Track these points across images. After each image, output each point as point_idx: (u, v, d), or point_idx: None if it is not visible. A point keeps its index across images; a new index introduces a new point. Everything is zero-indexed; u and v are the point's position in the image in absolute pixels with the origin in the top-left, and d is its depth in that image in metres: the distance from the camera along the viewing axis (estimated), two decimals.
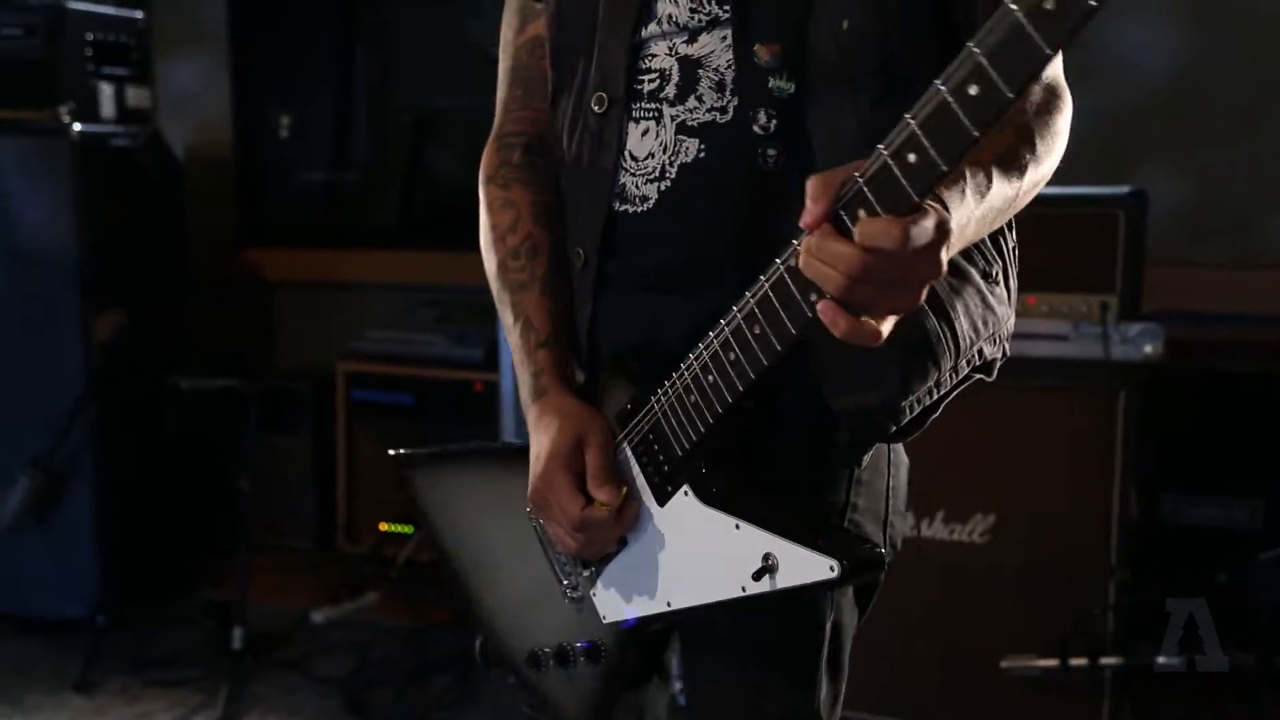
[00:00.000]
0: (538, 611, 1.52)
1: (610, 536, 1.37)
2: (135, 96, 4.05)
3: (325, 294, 4.82)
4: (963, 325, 1.29)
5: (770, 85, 1.27)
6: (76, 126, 3.76)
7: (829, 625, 1.39)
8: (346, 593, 4.01)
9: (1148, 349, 2.84)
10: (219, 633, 3.56)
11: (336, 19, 5.03)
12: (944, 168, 1.03)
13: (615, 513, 1.34)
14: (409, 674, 3.42)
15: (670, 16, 1.32)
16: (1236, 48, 3.70)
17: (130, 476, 3.90)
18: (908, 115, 1.04)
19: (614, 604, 1.44)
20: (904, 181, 1.04)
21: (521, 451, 1.49)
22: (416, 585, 3.92)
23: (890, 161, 1.05)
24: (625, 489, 1.36)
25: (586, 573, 1.45)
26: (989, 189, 1.14)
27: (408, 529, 4.13)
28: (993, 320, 1.33)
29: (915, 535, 2.92)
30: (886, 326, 1.08)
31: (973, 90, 0.99)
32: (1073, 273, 2.93)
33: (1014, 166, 1.19)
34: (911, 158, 1.04)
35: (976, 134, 1.00)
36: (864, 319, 1.06)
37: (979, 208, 1.13)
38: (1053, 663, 2.80)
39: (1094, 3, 0.94)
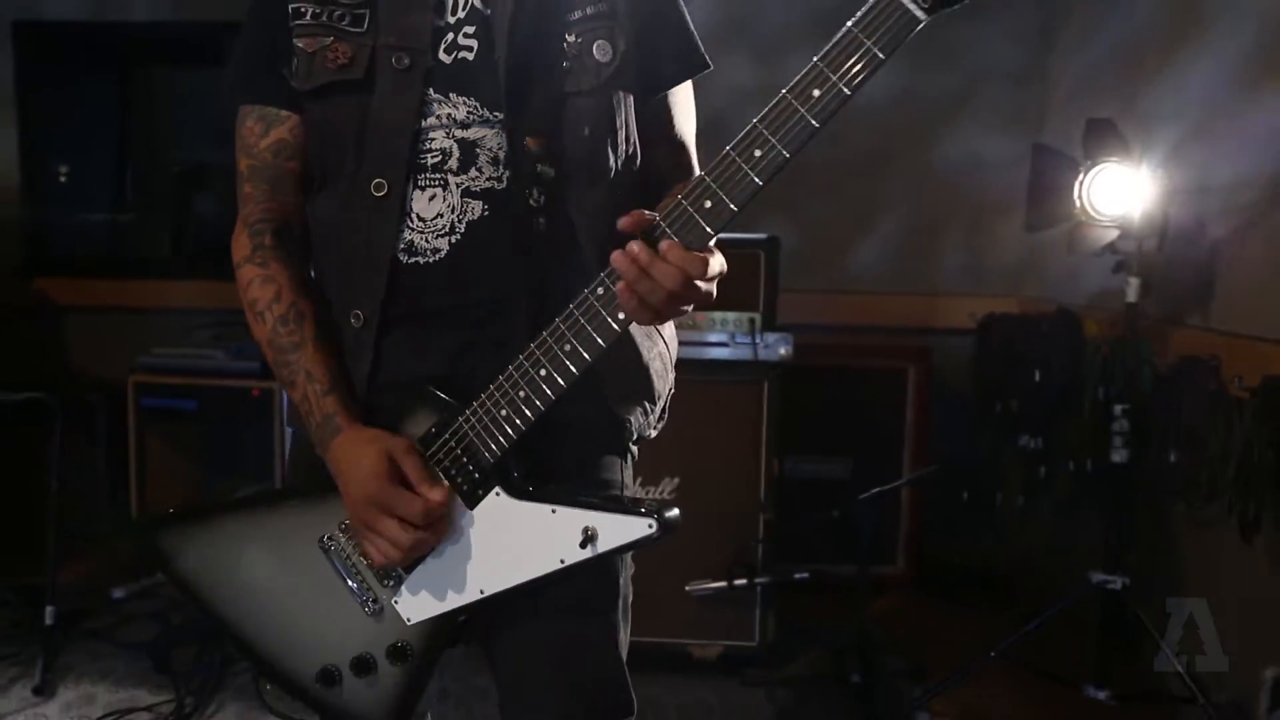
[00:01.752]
0: (326, 632, 1.35)
1: (432, 540, 1.27)
2: None
3: (112, 317, 4.38)
4: (673, 353, 1.44)
5: (538, 169, 1.27)
6: None
7: (623, 580, 1.37)
8: (145, 570, 3.66)
9: (782, 351, 2.97)
10: (30, 613, 3.16)
11: (111, 83, 4.62)
12: (734, 208, 1.10)
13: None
14: (206, 634, 3.08)
15: (449, 115, 1.28)
16: (829, 135, 3.96)
17: None
18: (702, 172, 1.12)
19: (420, 605, 1.31)
20: (701, 222, 1.11)
21: (274, 496, 1.42)
22: None
23: (689, 207, 1.12)
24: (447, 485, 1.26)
25: (389, 582, 1.32)
26: None
27: None
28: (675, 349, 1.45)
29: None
30: (661, 313, 1.16)
31: (758, 152, 1.08)
32: (730, 296, 2.95)
33: None
34: (708, 204, 1.11)
35: (760, 183, 1.08)
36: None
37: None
38: (722, 584, 2.90)
39: (845, 92, 1.06)
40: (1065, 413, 3.30)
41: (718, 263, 1.15)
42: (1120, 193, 2.73)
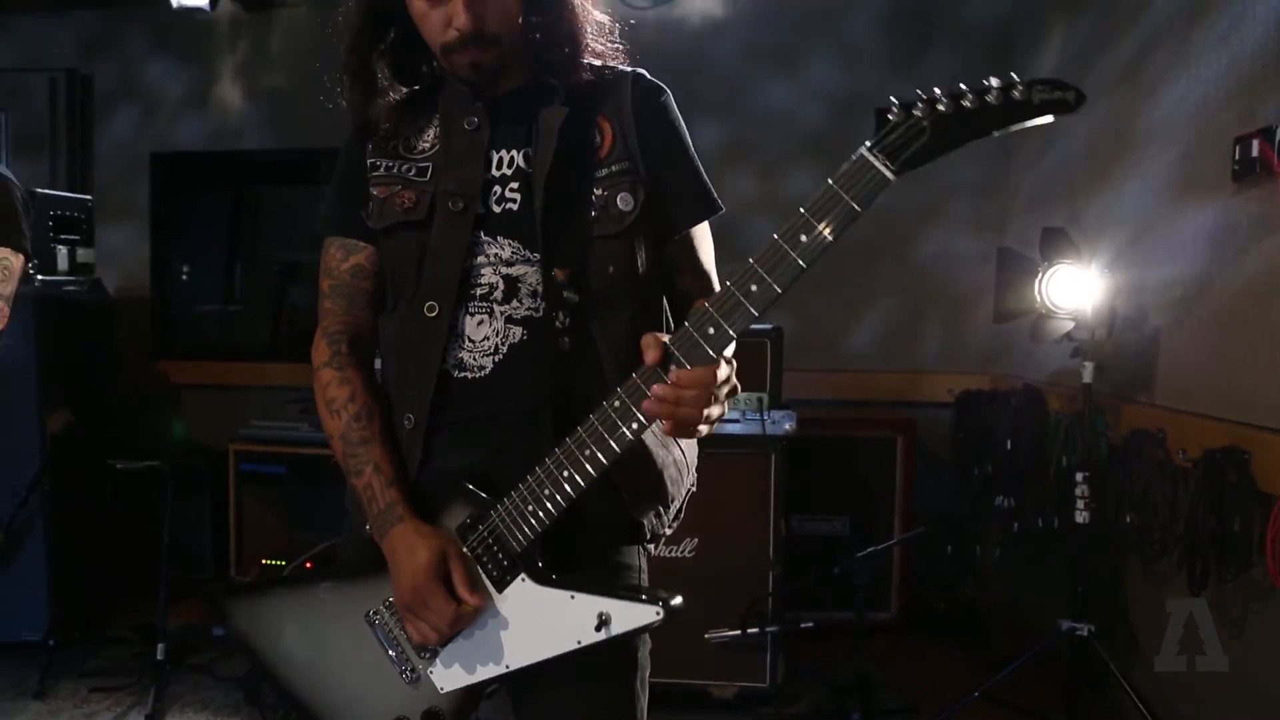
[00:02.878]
0: (369, 696, 1.32)
1: (465, 623, 1.25)
2: (83, 255, 3.72)
3: (218, 394, 4.47)
4: (692, 458, 1.40)
5: (565, 295, 1.26)
6: (39, 278, 3.45)
7: (642, 654, 1.34)
8: None
9: (787, 426, 2.95)
10: (144, 648, 3.21)
11: (225, 199, 4.76)
12: (733, 334, 1.11)
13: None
14: None
15: (496, 254, 1.30)
16: None
17: (75, 533, 3.49)
18: (706, 303, 1.12)
19: (452, 676, 1.29)
20: (705, 346, 1.12)
21: (327, 573, 1.38)
22: None
23: (695, 334, 1.12)
24: (483, 589, 1.24)
25: (426, 654, 1.29)
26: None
27: (282, 562, 3.87)
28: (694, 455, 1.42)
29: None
30: (704, 428, 1.17)
31: (754, 287, 1.08)
32: (741, 378, 2.98)
33: None
34: (710, 330, 1.11)
35: (756, 313, 1.09)
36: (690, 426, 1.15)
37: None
38: (737, 632, 2.85)
39: (827, 238, 1.06)
40: (1034, 476, 3.25)
41: (725, 370, 1.15)
42: (1074, 290, 2.73)
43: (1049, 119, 1.00)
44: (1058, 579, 3.02)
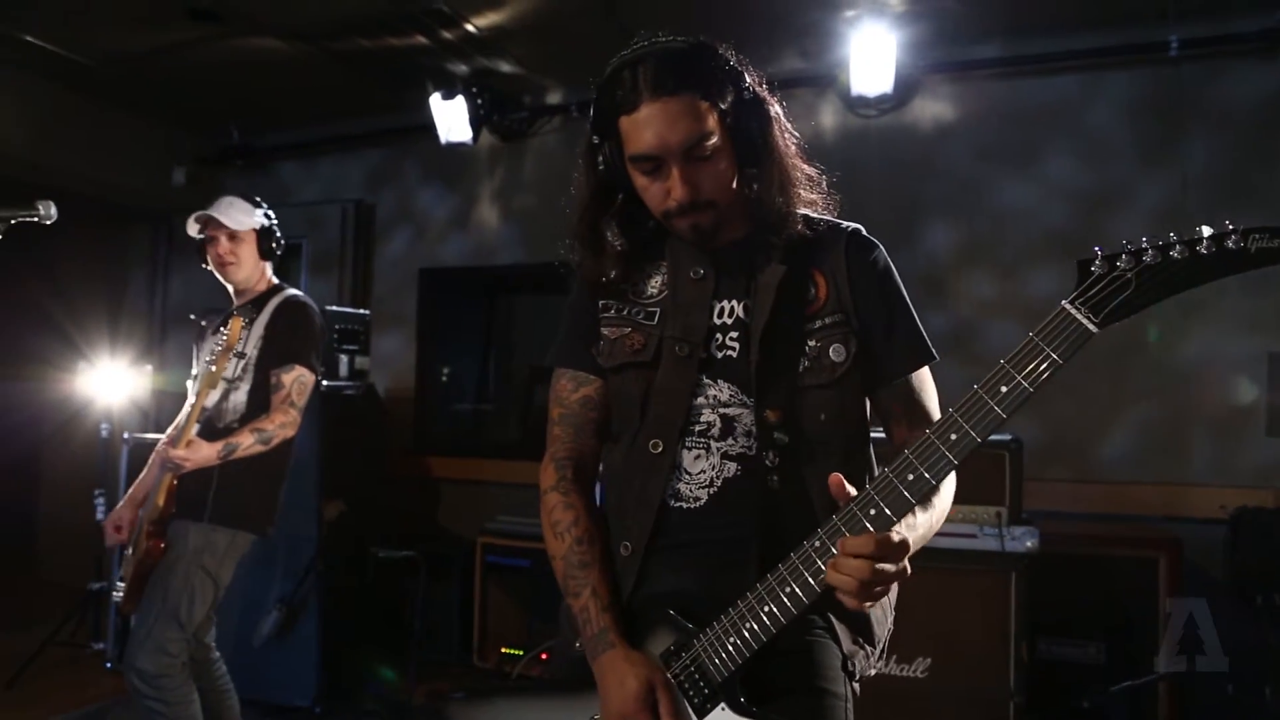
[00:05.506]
0: None
1: None
2: (360, 362, 4.16)
3: (470, 488, 4.78)
4: (893, 598, 1.42)
5: (775, 436, 1.31)
6: (324, 383, 3.85)
7: None
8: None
9: (1028, 544, 2.78)
10: None
11: (481, 308, 5.20)
12: (934, 482, 1.12)
13: None
14: None
15: (715, 396, 1.35)
16: None
17: (340, 612, 3.82)
18: (908, 450, 1.13)
19: None
20: (904, 491, 1.13)
21: (542, 684, 1.37)
22: None
23: (894, 479, 1.14)
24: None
25: None
26: (916, 521, 1.22)
27: (520, 651, 4.01)
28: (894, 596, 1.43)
29: (879, 672, 2.78)
30: (868, 604, 1.16)
31: (953, 436, 1.11)
32: (978, 491, 2.89)
33: (928, 506, 1.27)
34: (910, 476, 1.13)
35: (956, 462, 1.10)
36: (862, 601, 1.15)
37: (914, 534, 1.22)
38: None
39: (1028, 389, 1.07)
40: None
41: (895, 537, 1.14)
42: None
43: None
44: None
